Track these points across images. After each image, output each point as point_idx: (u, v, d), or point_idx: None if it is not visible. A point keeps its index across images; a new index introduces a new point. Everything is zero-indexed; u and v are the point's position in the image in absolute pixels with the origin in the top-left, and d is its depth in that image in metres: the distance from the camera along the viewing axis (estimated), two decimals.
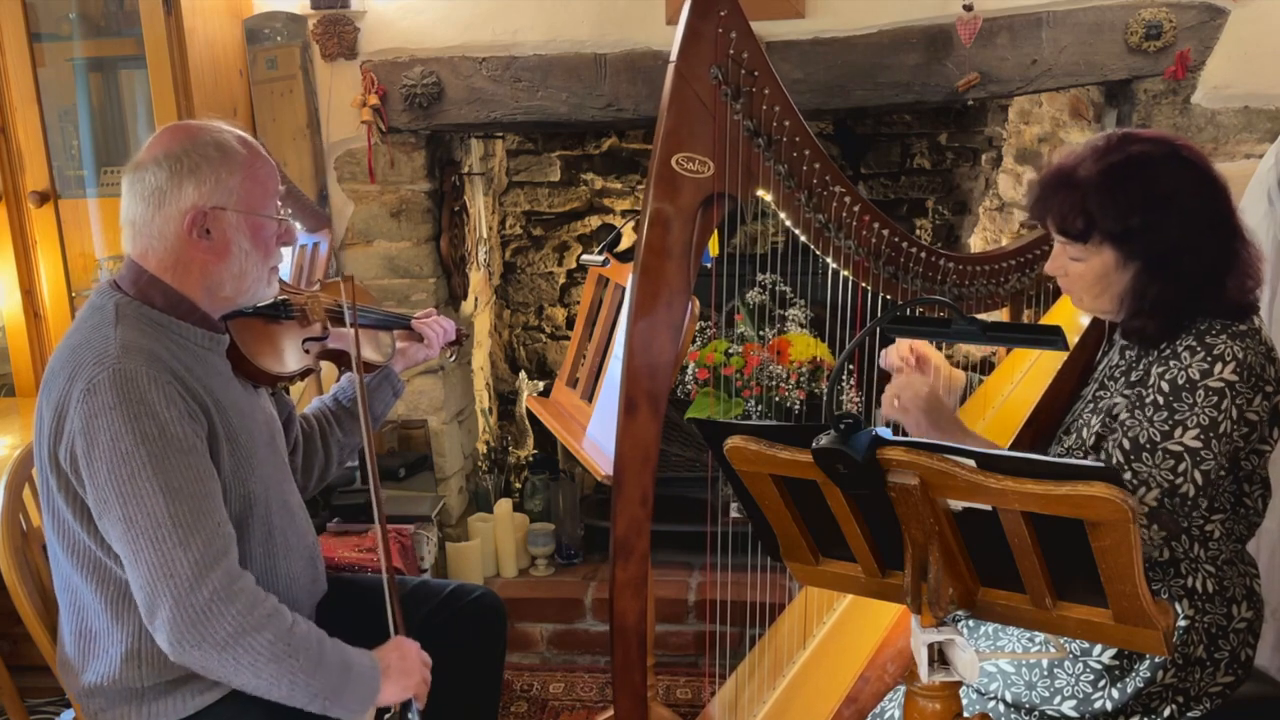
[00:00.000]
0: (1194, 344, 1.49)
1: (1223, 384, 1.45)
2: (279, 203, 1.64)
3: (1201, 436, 1.44)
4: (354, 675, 1.53)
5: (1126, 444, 1.48)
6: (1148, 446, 1.46)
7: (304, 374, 1.77)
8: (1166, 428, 1.46)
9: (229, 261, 1.58)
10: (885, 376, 2.02)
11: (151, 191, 1.54)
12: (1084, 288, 1.58)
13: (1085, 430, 1.62)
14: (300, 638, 1.48)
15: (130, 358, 1.46)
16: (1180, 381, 1.47)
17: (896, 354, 1.98)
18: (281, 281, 1.74)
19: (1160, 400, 1.48)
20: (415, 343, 2.05)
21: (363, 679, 1.54)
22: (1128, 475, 1.46)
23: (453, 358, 2.09)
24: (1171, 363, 1.50)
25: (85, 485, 1.45)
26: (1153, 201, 1.49)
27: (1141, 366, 1.58)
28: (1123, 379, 1.61)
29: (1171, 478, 1.45)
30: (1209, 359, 1.46)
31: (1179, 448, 1.45)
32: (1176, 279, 1.51)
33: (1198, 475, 1.45)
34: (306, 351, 1.76)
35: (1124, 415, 1.51)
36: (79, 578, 1.54)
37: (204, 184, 1.54)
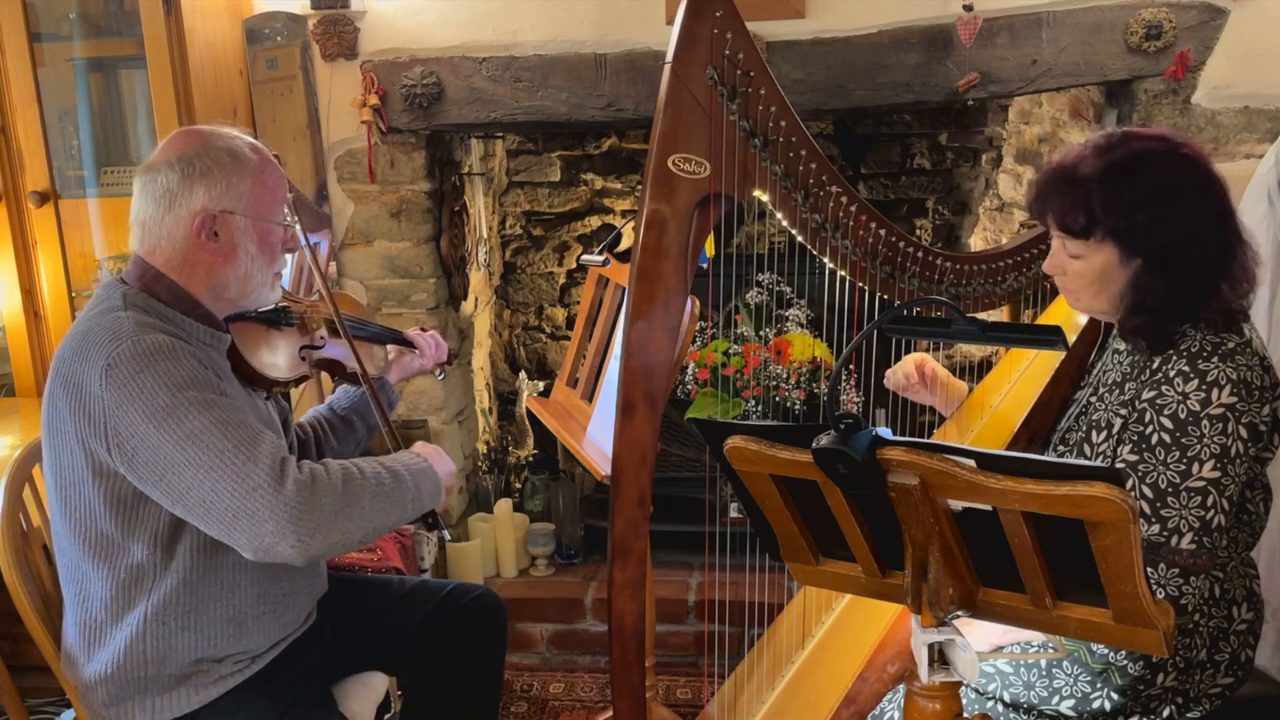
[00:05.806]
0: (1186, 369, 1.47)
1: (1223, 409, 1.44)
2: (287, 210, 1.67)
3: (1218, 466, 1.44)
4: (421, 472, 1.61)
5: (1148, 492, 1.47)
6: (1169, 490, 1.45)
7: (299, 381, 1.79)
8: (1183, 467, 1.45)
9: (235, 264, 1.61)
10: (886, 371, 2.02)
11: (163, 193, 1.57)
12: (1083, 286, 1.57)
13: (1088, 448, 1.61)
14: (371, 470, 1.54)
15: (145, 331, 1.49)
16: (1182, 416, 1.45)
17: (901, 372, 1.98)
18: (283, 290, 1.76)
19: (1167, 439, 1.46)
20: (409, 352, 2.07)
21: (426, 473, 1.62)
22: (1155, 527, 1.46)
23: (441, 375, 2.19)
24: (1164, 388, 1.48)
25: (132, 457, 1.45)
26: (1156, 198, 1.48)
27: (1129, 389, 1.57)
28: (1117, 391, 1.60)
29: (1202, 514, 1.45)
30: (1204, 386, 1.45)
31: (1200, 483, 1.44)
32: (1178, 276, 1.49)
33: (1224, 503, 1.45)
34: (303, 359, 1.78)
35: (1132, 457, 1.50)
36: (89, 564, 1.55)
37: (215, 188, 1.57)
